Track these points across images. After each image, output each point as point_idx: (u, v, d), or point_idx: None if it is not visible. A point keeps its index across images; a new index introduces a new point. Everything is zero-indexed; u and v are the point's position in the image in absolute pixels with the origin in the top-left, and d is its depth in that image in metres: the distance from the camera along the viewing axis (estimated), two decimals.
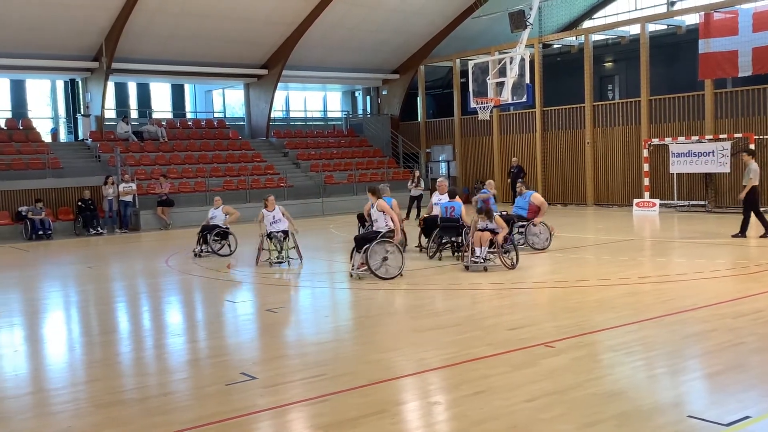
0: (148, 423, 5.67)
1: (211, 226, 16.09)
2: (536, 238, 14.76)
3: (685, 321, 8.39)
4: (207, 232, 16.00)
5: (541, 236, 14.80)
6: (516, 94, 18.89)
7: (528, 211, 14.83)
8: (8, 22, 23.54)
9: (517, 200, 15.21)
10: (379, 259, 11.87)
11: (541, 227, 14.81)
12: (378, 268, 11.83)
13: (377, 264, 11.83)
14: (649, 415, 5.47)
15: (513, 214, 14.82)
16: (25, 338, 9.15)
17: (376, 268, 11.80)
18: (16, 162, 23.59)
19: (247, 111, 32.00)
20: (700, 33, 22.67)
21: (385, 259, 11.91)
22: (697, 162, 22.68)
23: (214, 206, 16.59)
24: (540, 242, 14.76)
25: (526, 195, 15.06)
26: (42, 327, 9.91)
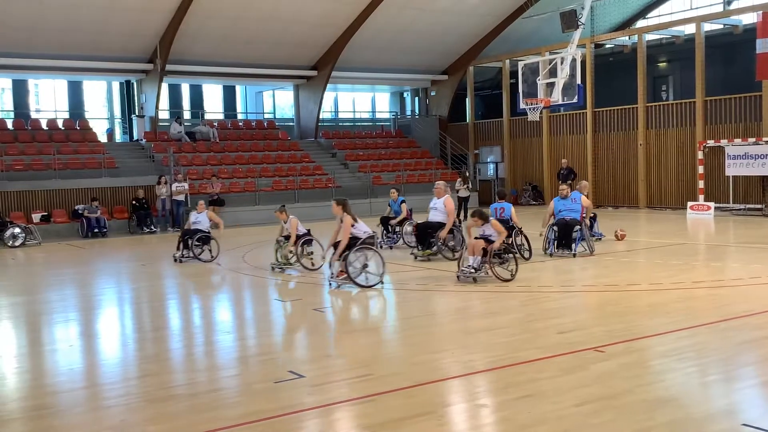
0: (198, 418, 5.76)
1: (193, 231, 15.53)
2: (591, 240, 14.56)
3: (740, 327, 8.18)
4: (188, 236, 15.46)
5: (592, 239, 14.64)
6: (567, 95, 18.69)
7: (580, 213, 14.53)
8: (66, 25, 24.22)
9: (563, 203, 14.47)
10: (358, 267, 11.35)
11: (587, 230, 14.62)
12: (358, 275, 11.31)
13: (356, 272, 11.29)
14: (701, 423, 5.36)
15: (570, 218, 14.25)
16: (80, 334, 9.37)
17: (355, 275, 11.26)
18: (73, 161, 24.21)
19: (296, 112, 32.29)
20: (758, 32, 22.09)
21: (365, 267, 11.40)
22: (754, 164, 22.12)
23: (198, 211, 15.94)
24: (592, 245, 14.47)
25: (575, 197, 14.58)
26: (96, 323, 10.14)
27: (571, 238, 13.98)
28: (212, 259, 15.31)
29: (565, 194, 14.54)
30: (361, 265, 11.41)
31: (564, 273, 12.40)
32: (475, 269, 11.53)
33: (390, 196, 17.54)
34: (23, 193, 22.66)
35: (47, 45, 24.90)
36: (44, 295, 12.22)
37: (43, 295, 12.22)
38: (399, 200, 17.02)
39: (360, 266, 11.40)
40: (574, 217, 14.22)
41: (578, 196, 14.57)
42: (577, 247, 13.98)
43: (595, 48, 27.76)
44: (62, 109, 29.38)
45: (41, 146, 24.76)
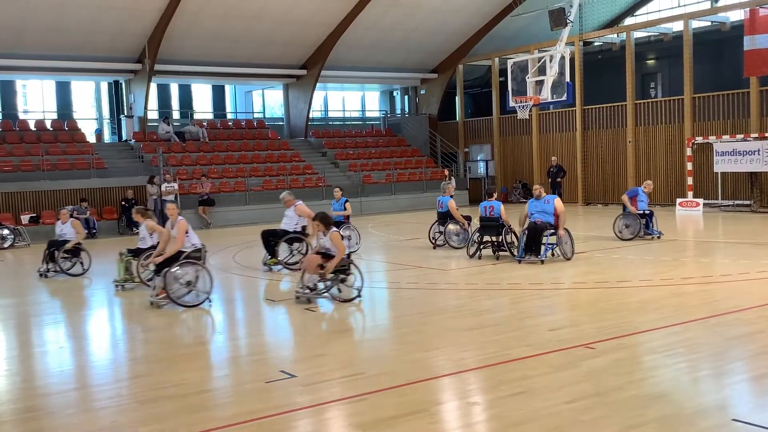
0: (189, 419, 5.75)
1: (60, 242, 14.01)
2: (566, 246, 13.38)
3: (730, 323, 8.22)
4: (55, 248, 13.87)
5: (567, 244, 13.39)
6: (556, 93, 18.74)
7: (554, 216, 13.35)
8: (54, 25, 24.09)
9: (536, 204, 13.45)
10: (182, 285, 10.14)
11: (565, 235, 13.38)
12: (182, 295, 10.12)
13: (180, 290, 10.10)
14: (692, 419, 5.38)
15: (539, 220, 13.27)
16: (70, 335, 9.33)
17: (178, 295, 10.06)
18: (61, 162, 24.09)
19: (286, 111, 32.24)
20: (745, 29, 22.21)
21: (190, 284, 10.19)
22: (742, 161, 22.24)
23: (62, 220, 14.28)
24: (569, 251, 13.38)
25: (549, 199, 13.45)
26: (86, 324, 10.10)
27: (540, 242, 13.02)
28: (84, 273, 13.93)
29: (538, 194, 13.55)
30: (186, 282, 10.15)
31: (555, 270, 12.44)
32: (310, 289, 10.15)
33: (333, 196, 16.38)
34: (11, 194, 22.53)
35: (35, 45, 24.76)
36: (34, 297, 12.15)
37: (32, 297, 12.15)
38: (342, 200, 16.07)
39: (185, 284, 10.13)
40: (546, 221, 13.23)
41: (552, 198, 13.45)
42: (546, 253, 13.04)
43: (584, 46, 27.84)
44: (50, 110, 29.22)
45: (29, 147, 24.63)
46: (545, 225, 13.14)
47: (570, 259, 13.19)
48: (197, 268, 10.32)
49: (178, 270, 10.14)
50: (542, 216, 13.29)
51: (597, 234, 17.76)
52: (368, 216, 26.12)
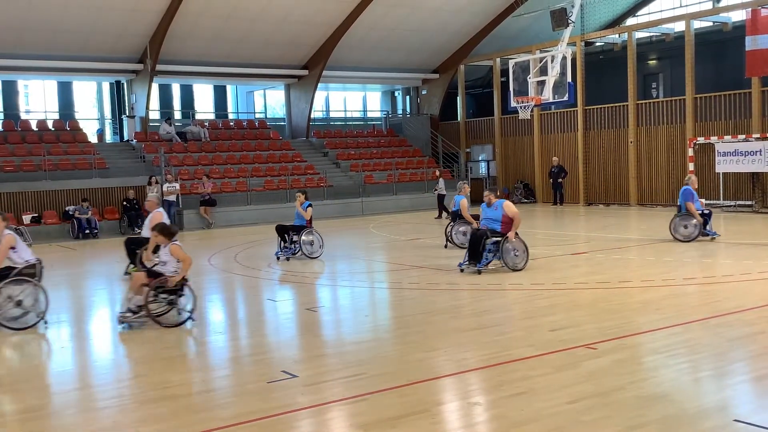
0: (191, 419, 5.75)
1: None
2: (513, 255, 12.40)
3: (731, 323, 8.22)
4: None
5: (518, 254, 12.45)
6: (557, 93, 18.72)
7: (502, 224, 12.48)
8: (55, 26, 24.12)
9: (485, 210, 12.77)
10: (10, 306, 9.09)
11: (517, 242, 12.48)
12: (15, 317, 9.10)
13: (11, 312, 9.10)
14: (693, 419, 5.38)
15: (483, 227, 12.56)
16: (72, 335, 9.34)
17: (7, 317, 9.06)
18: (63, 162, 24.12)
19: (287, 111, 32.26)
20: (747, 29, 22.19)
21: (20, 303, 9.12)
22: (744, 161, 22.22)
23: None
24: (517, 260, 12.43)
25: (497, 204, 12.61)
26: (88, 324, 10.11)
27: (480, 250, 12.22)
28: None
29: (488, 201, 12.72)
30: (14, 302, 9.10)
31: (556, 271, 12.43)
32: (133, 312, 8.98)
33: (296, 200, 15.54)
34: (13, 194, 22.56)
35: (36, 45, 24.79)
36: None
37: None
38: (305, 204, 15.30)
39: (12, 305, 9.09)
40: (492, 227, 12.45)
41: (501, 204, 12.56)
42: (485, 263, 12.23)
43: (586, 46, 27.82)
44: (52, 110, 29.24)
45: (31, 147, 24.66)
46: (485, 232, 12.35)
47: (520, 270, 12.22)
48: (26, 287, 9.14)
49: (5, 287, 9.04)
50: (489, 223, 12.56)
51: (597, 234, 17.77)
52: (369, 216, 26.13)
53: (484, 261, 12.22)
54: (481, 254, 12.22)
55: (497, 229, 12.43)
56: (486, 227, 12.50)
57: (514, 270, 12.18)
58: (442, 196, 24.55)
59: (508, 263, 12.26)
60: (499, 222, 12.45)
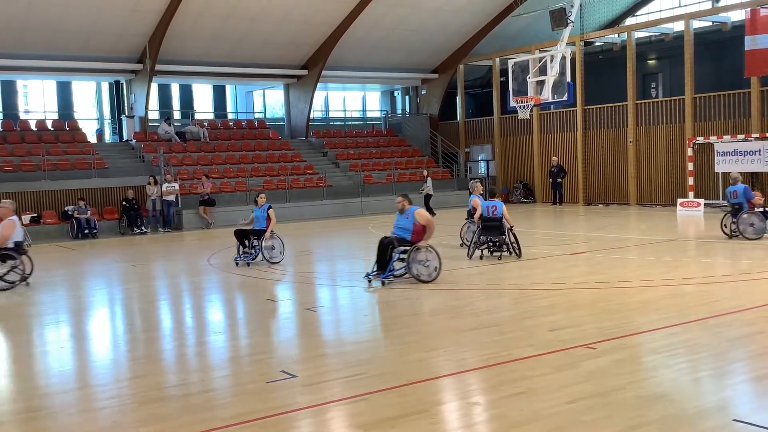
0: (190, 419, 5.75)
1: None
2: (422, 266, 11.50)
3: (731, 323, 8.22)
4: None
5: (429, 264, 11.54)
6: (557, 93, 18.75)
7: (412, 233, 11.65)
8: (55, 26, 24.11)
9: (397, 218, 12.04)
10: None
11: (428, 253, 11.59)
12: None
13: None
14: (693, 419, 5.38)
15: (393, 235, 11.80)
16: (71, 335, 9.34)
17: None
18: (62, 162, 24.11)
19: (287, 111, 32.26)
20: (746, 29, 22.20)
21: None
22: (743, 161, 22.23)
23: None
24: (425, 271, 11.52)
25: (409, 212, 11.79)
26: (87, 324, 10.10)
27: (386, 260, 11.50)
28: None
29: (400, 208, 11.93)
30: None
31: (555, 270, 12.44)
32: None
33: (257, 203, 14.77)
34: (12, 194, 22.40)
35: (36, 45, 24.78)
36: (35, 297, 12.15)
37: (33, 297, 12.14)
38: (265, 206, 14.61)
39: None
40: (402, 236, 11.69)
41: (412, 212, 11.75)
42: (389, 274, 11.46)
43: (585, 46, 27.83)
44: (51, 110, 29.23)
45: (30, 147, 24.65)
46: (393, 240, 11.55)
47: (427, 282, 11.37)
48: None
49: None
50: (398, 231, 11.79)
51: (597, 234, 17.78)
52: (369, 216, 26.13)
53: (389, 272, 11.44)
54: (387, 264, 11.47)
55: (407, 238, 11.64)
56: (395, 236, 11.73)
57: (419, 281, 11.33)
58: (429, 197, 24.86)
59: (414, 273, 11.40)
60: (409, 231, 11.66)
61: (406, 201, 11.90)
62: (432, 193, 25.22)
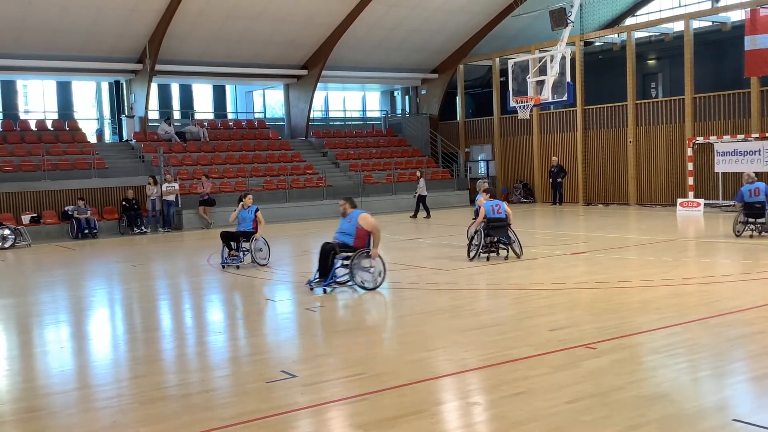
0: (190, 419, 5.75)
1: None
2: (366, 273, 11.00)
3: (730, 323, 8.22)
4: None
5: (373, 270, 11.00)
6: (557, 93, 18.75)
7: (355, 238, 11.13)
8: (55, 26, 24.11)
9: (340, 223, 11.54)
10: None
11: (371, 258, 11.05)
12: None
13: None
14: (693, 419, 5.39)
15: (335, 240, 11.32)
16: (71, 335, 9.34)
17: None
18: (62, 162, 24.11)
19: (286, 111, 32.26)
20: (746, 29, 22.21)
21: None
22: (743, 161, 22.23)
23: None
24: (369, 278, 11.02)
25: (352, 216, 11.23)
26: (87, 324, 10.11)
27: (328, 267, 10.97)
28: None
29: (343, 211, 11.44)
30: None
31: (555, 270, 12.44)
32: None
33: (243, 204, 14.34)
34: (12, 194, 22.56)
35: (35, 45, 24.78)
36: (35, 297, 12.16)
37: (33, 297, 12.16)
38: (253, 208, 14.31)
39: None
40: (344, 242, 11.14)
41: (356, 216, 11.17)
42: (330, 281, 10.99)
43: (585, 46, 27.83)
44: (51, 110, 29.23)
45: (30, 147, 24.65)
46: (334, 246, 11.06)
47: (369, 289, 10.92)
48: None
49: None
50: (341, 237, 11.28)
51: (597, 234, 17.78)
52: None
53: (330, 278, 10.95)
54: (329, 271, 10.96)
55: (349, 243, 11.11)
56: (337, 241, 11.21)
57: (363, 288, 10.89)
58: (423, 197, 24.86)
59: (358, 281, 10.95)
60: (351, 236, 11.12)
61: (348, 204, 11.36)
62: (426, 193, 25.18)
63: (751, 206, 15.65)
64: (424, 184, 25.35)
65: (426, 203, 24.96)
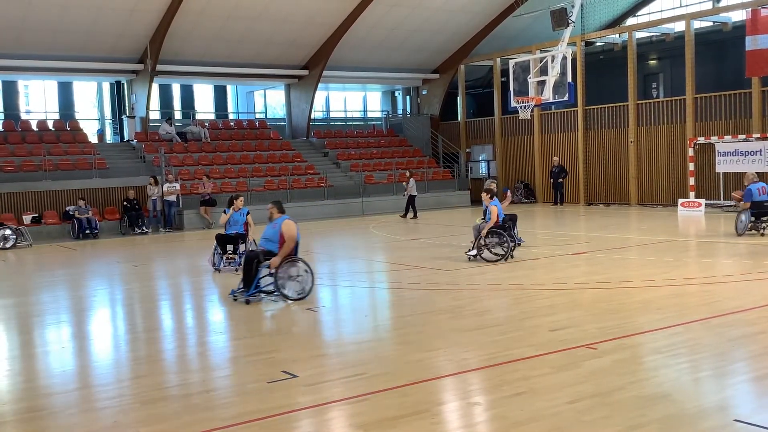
0: (191, 419, 5.75)
1: None
2: (291, 282, 10.40)
3: (732, 323, 8.22)
4: None
5: (300, 279, 10.45)
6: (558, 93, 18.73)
7: (280, 245, 10.53)
8: (55, 26, 24.12)
9: (266, 228, 10.91)
10: None
11: (296, 267, 10.50)
12: None
13: None
14: (694, 419, 5.38)
15: (260, 248, 10.80)
16: (72, 335, 9.34)
17: None
18: (63, 162, 24.13)
19: (287, 111, 32.27)
20: (747, 29, 22.19)
21: None
22: (744, 161, 22.21)
23: None
24: (299, 287, 10.42)
25: (277, 222, 10.64)
26: (88, 324, 10.11)
27: (251, 276, 10.41)
28: None
29: (269, 215, 10.84)
30: None
31: (557, 271, 12.44)
32: None
33: (234, 206, 13.98)
34: (14, 194, 22.57)
35: (36, 45, 24.79)
36: (36, 297, 12.17)
37: (34, 297, 12.16)
38: (244, 210, 14.07)
39: None
40: (269, 248, 10.54)
41: (280, 222, 10.59)
42: (256, 290, 10.44)
43: (586, 46, 27.82)
44: (52, 110, 29.25)
45: (31, 147, 24.67)
46: (258, 254, 10.53)
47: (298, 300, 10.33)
48: None
49: None
50: (265, 243, 10.69)
51: (598, 234, 17.77)
52: (370, 216, 26.14)
53: (254, 288, 10.40)
54: (252, 280, 10.38)
55: (274, 250, 10.45)
56: (262, 249, 10.62)
57: (288, 299, 10.32)
58: (412, 197, 24.83)
59: (284, 292, 10.30)
60: (276, 243, 10.50)
61: (275, 209, 10.72)
62: (416, 194, 25.14)
63: (761, 205, 15.74)
64: (414, 184, 25.29)
65: (414, 204, 24.87)
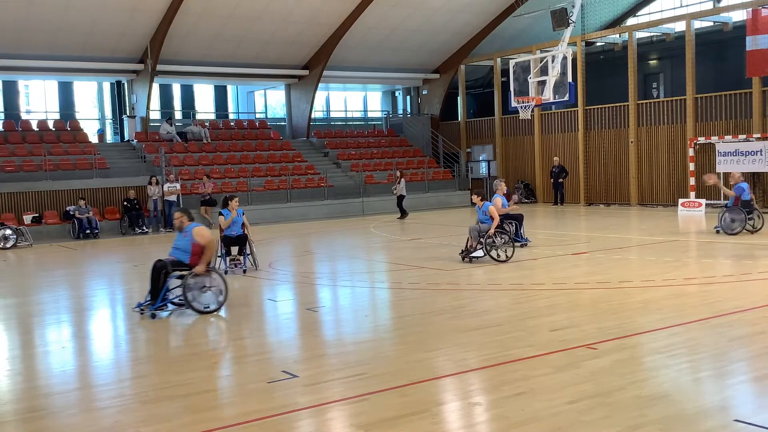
0: (191, 419, 5.75)
1: None
2: (201, 293, 9.69)
3: (732, 323, 8.22)
4: None
5: (212, 289, 9.76)
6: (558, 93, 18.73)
7: (191, 255, 9.90)
8: (56, 26, 24.13)
9: (176, 238, 10.29)
10: None
11: (208, 277, 9.75)
12: None
13: None
14: (694, 419, 5.38)
15: (169, 257, 10.08)
16: (72, 335, 9.35)
17: None
18: (64, 162, 24.13)
19: (288, 111, 32.28)
20: (748, 29, 22.19)
21: None
22: (744, 161, 22.22)
23: None
24: (212, 298, 9.75)
25: (187, 230, 10.01)
26: (89, 324, 10.11)
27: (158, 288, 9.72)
28: None
29: (178, 224, 10.14)
30: None
31: (557, 271, 12.44)
32: None
33: (229, 206, 13.82)
34: (14, 194, 22.58)
35: (37, 45, 24.80)
36: (36, 297, 12.18)
37: (35, 297, 12.17)
38: (240, 211, 13.90)
39: None
40: (180, 258, 9.92)
41: (191, 229, 9.99)
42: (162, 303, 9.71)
43: (586, 46, 27.82)
44: (53, 110, 29.27)
45: (32, 147, 24.68)
46: (166, 264, 9.82)
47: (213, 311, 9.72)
48: None
49: None
50: (176, 253, 10.09)
51: (598, 234, 17.77)
52: (370, 216, 26.14)
53: (160, 301, 9.68)
54: (159, 292, 9.71)
55: (184, 260, 9.85)
56: (171, 258, 9.98)
57: (198, 312, 9.57)
58: (401, 197, 24.81)
59: (193, 303, 9.57)
60: (187, 253, 9.87)
61: (185, 217, 10.11)
62: (405, 194, 25.09)
63: (748, 203, 16.30)
64: (404, 184, 25.21)
65: (402, 204, 24.83)
